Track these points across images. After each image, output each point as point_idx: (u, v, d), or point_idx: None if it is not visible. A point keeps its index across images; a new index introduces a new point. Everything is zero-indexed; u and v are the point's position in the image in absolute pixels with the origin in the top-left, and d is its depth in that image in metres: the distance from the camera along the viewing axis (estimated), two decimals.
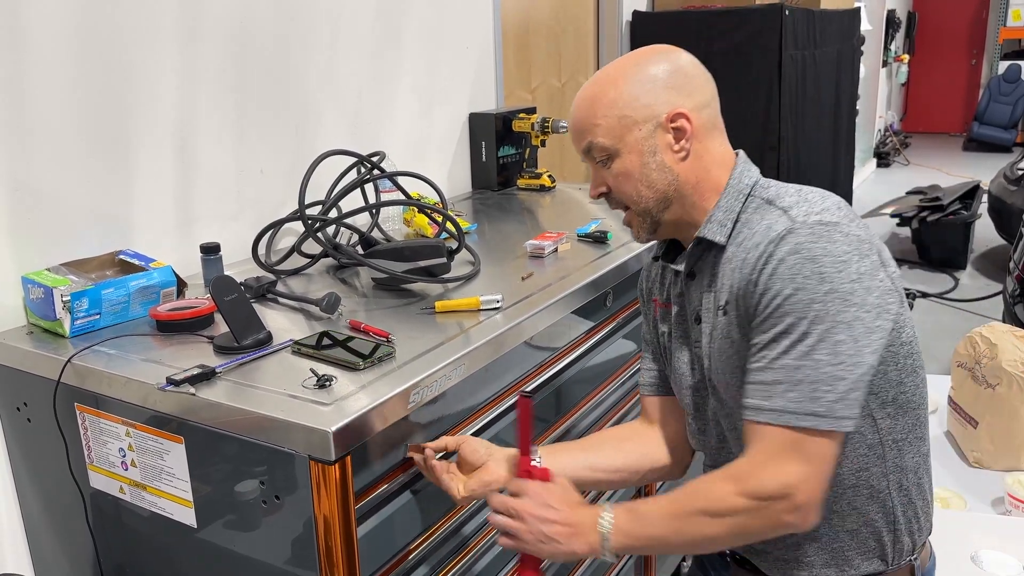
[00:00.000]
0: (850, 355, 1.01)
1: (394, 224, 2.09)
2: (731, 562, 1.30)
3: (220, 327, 1.40)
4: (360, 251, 1.68)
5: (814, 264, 1.01)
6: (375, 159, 1.92)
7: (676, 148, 1.15)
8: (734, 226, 1.14)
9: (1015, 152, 8.43)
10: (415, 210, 2.02)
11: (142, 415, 1.25)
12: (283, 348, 1.32)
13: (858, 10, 4.95)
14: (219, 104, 1.82)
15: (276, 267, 1.74)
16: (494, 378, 1.42)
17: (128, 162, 1.65)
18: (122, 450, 1.30)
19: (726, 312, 1.13)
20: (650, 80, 1.14)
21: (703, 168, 1.16)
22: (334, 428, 1.06)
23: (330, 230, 1.81)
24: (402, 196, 1.97)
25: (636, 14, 3.71)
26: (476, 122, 2.65)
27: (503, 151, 2.64)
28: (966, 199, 5.70)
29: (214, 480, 1.21)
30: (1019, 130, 9.93)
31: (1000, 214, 5.51)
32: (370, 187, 2.01)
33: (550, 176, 2.64)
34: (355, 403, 1.12)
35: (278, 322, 1.46)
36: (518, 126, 2.63)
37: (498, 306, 1.49)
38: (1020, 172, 5.47)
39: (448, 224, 1.82)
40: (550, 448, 1.33)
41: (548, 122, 2.60)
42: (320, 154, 1.85)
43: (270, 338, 1.34)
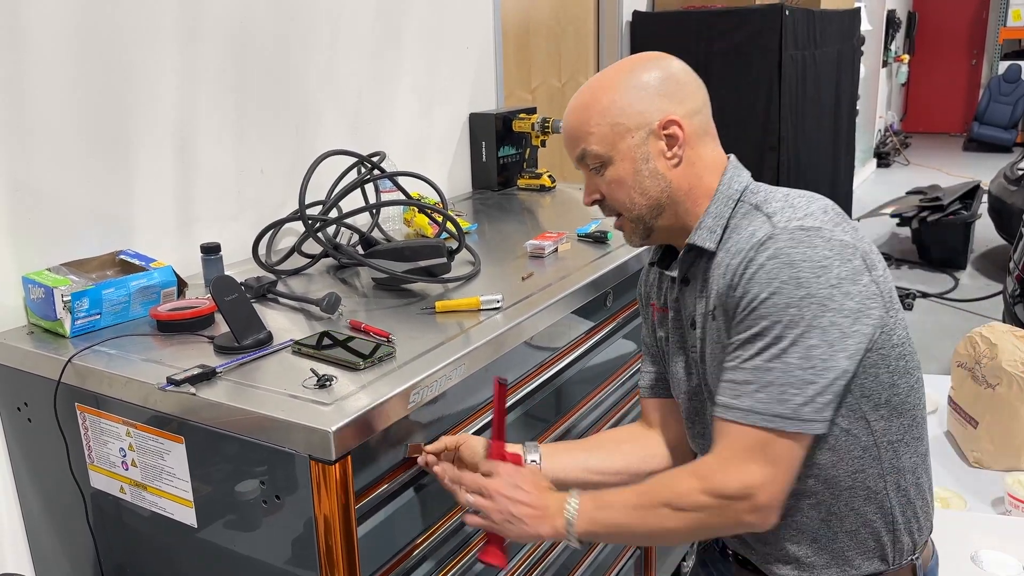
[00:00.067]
0: (822, 360, 1.02)
1: (394, 224, 2.09)
2: (733, 562, 1.30)
3: (220, 327, 1.40)
4: (360, 251, 1.68)
5: (792, 269, 1.02)
6: (375, 159, 1.92)
7: (669, 155, 1.16)
8: (724, 232, 1.15)
9: (1015, 152, 8.42)
10: (415, 210, 2.02)
11: (143, 415, 1.25)
12: (283, 348, 1.32)
13: (858, 10, 4.95)
14: (219, 104, 1.82)
15: (276, 267, 1.74)
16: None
17: (128, 162, 1.65)
18: (122, 450, 1.30)
19: (715, 317, 1.14)
20: (642, 87, 1.15)
21: (695, 174, 1.17)
22: (334, 428, 1.06)
23: (330, 230, 1.81)
24: (402, 196, 1.97)
25: (636, 14, 3.70)
26: (476, 122, 2.65)
27: (503, 151, 2.64)
28: (966, 199, 5.70)
29: (214, 480, 1.21)
30: (1019, 130, 9.93)
31: (1000, 214, 5.51)
32: (370, 187, 2.01)
33: (550, 176, 2.64)
34: (355, 403, 1.13)
35: (278, 322, 1.46)
36: (518, 126, 2.63)
37: (498, 306, 1.49)
38: (1020, 172, 5.47)
39: (448, 224, 1.82)
40: (550, 447, 1.33)
41: (548, 122, 2.59)
42: (320, 154, 1.85)
43: (270, 338, 1.35)
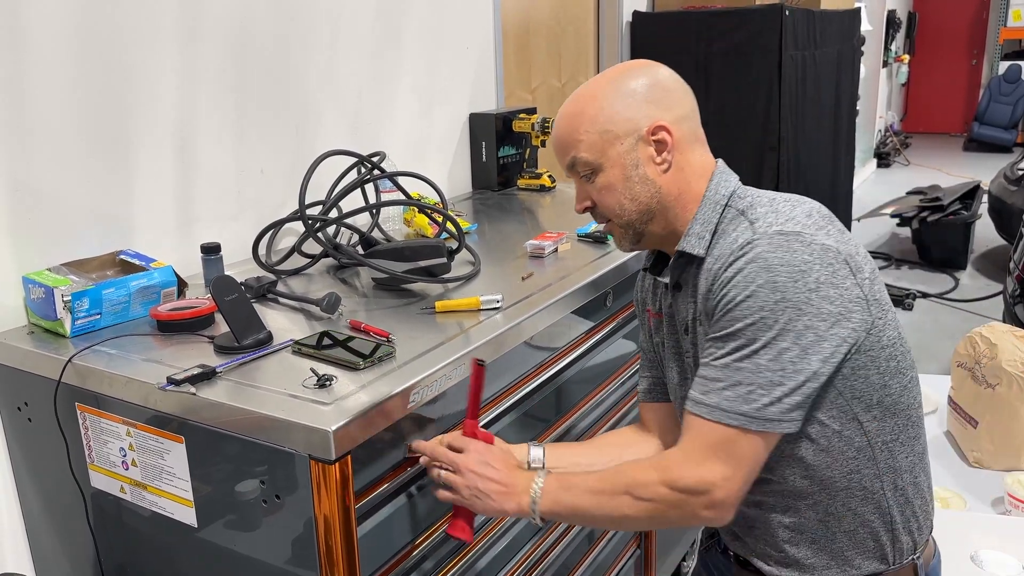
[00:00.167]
0: (792, 363, 1.03)
1: (394, 224, 2.09)
2: (734, 563, 1.30)
3: (220, 327, 1.40)
4: (360, 251, 1.68)
5: (769, 273, 1.03)
6: (375, 159, 1.92)
7: (658, 160, 1.17)
8: (712, 237, 1.15)
9: (1015, 152, 8.42)
10: (415, 210, 2.02)
11: (143, 415, 1.25)
12: (283, 348, 1.32)
13: (858, 10, 4.94)
14: (219, 104, 1.82)
15: (276, 267, 1.74)
16: (494, 378, 1.42)
17: (128, 162, 1.65)
18: (123, 450, 1.30)
19: (701, 322, 1.15)
20: (630, 95, 1.16)
21: (685, 180, 1.18)
22: (334, 428, 1.06)
23: (330, 230, 1.81)
24: (402, 196, 1.97)
25: (636, 14, 3.70)
26: (476, 122, 2.65)
27: (503, 151, 2.64)
28: (966, 199, 5.71)
29: (215, 480, 1.21)
30: (1019, 130, 9.93)
31: (1000, 214, 5.52)
32: (370, 187, 2.01)
33: (550, 176, 2.64)
34: (355, 403, 1.13)
35: (278, 322, 1.46)
36: (518, 126, 2.63)
37: (498, 306, 1.49)
38: (1020, 172, 5.47)
39: (448, 224, 1.82)
40: (552, 447, 1.34)
41: (548, 122, 2.59)
42: (320, 154, 1.85)
43: (270, 338, 1.35)
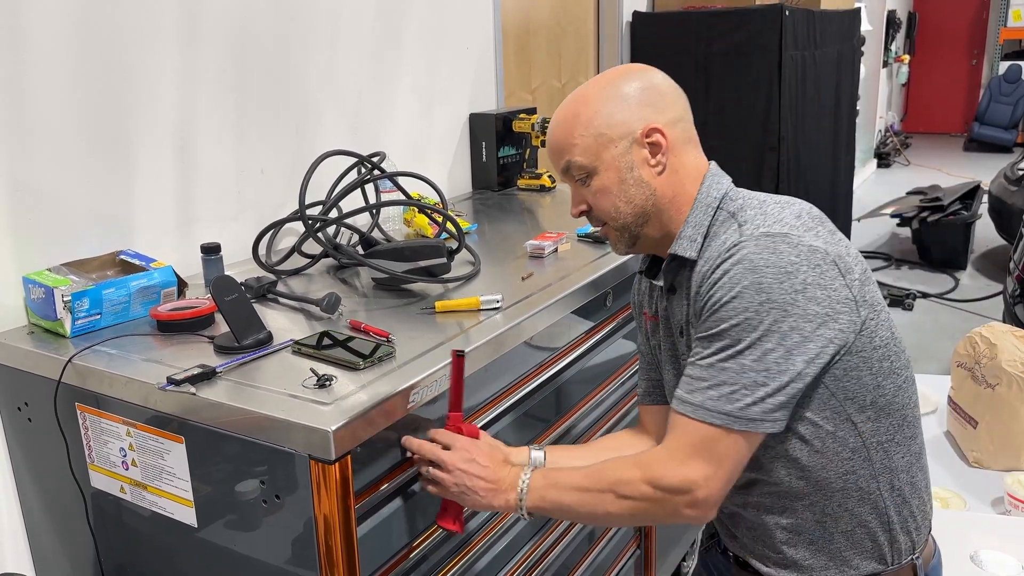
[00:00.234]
0: (777, 364, 1.03)
1: (394, 224, 2.09)
2: (733, 564, 1.30)
3: (220, 327, 1.40)
4: (360, 251, 1.68)
5: (754, 274, 1.04)
6: (375, 159, 1.92)
7: (653, 163, 1.17)
8: (704, 240, 1.16)
9: (1015, 152, 8.42)
10: (415, 210, 2.02)
11: (143, 415, 1.25)
12: (283, 348, 1.32)
13: (858, 10, 4.94)
14: (219, 104, 1.82)
15: (276, 267, 1.74)
16: (494, 378, 1.43)
17: (128, 162, 1.65)
18: (123, 450, 1.30)
19: (693, 325, 1.15)
20: (623, 98, 1.17)
21: (679, 182, 1.19)
22: (334, 428, 1.06)
23: (330, 230, 1.81)
24: (402, 196, 1.97)
25: (636, 15, 3.70)
26: (476, 122, 2.65)
27: (503, 151, 2.64)
28: (966, 199, 5.71)
29: (215, 480, 1.21)
30: (1020, 130, 9.93)
31: (1000, 214, 5.52)
32: (370, 187, 2.01)
33: (550, 176, 2.64)
34: (355, 403, 1.13)
35: (278, 322, 1.46)
36: (518, 126, 2.63)
37: (498, 306, 1.49)
38: (1020, 172, 5.47)
39: (448, 224, 1.82)
40: (552, 450, 1.34)
41: (548, 123, 2.59)
42: (320, 154, 1.85)
43: (270, 338, 1.35)
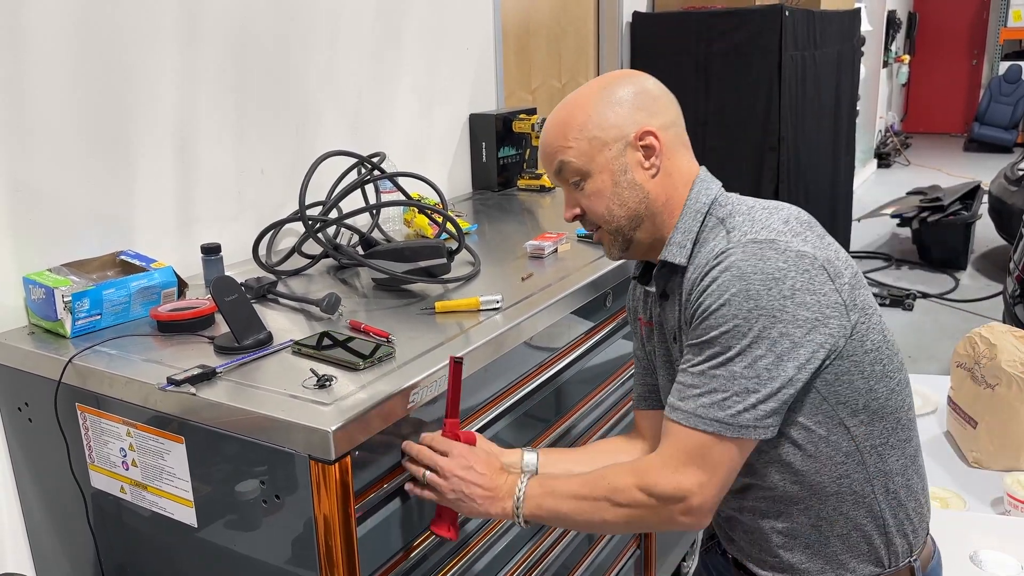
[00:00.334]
0: (768, 370, 1.04)
1: (394, 225, 2.09)
2: (733, 566, 1.30)
3: (221, 327, 1.40)
4: (360, 252, 1.68)
5: (742, 281, 1.04)
6: (375, 160, 1.92)
7: (647, 165, 1.18)
8: (694, 247, 1.16)
9: (1016, 152, 8.42)
10: (415, 211, 2.02)
11: (143, 415, 1.25)
12: (283, 348, 1.32)
13: (858, 11, 4.94)
14: (219, 104, 1.82)
15: (276, 268, 1.74)
16: (494, 378, 1.43)
17: (128, 162, 1.65)
18: (123, 450, 1.31)
19: (685, 332, 1.15)
20: (617, 102, 1.17)
21: (672, 186, 1.19)
22: (334, 428, 1.06)
23: (330, 231, 1.81)
24: (402, 197, 1.97)
25: (636, 15, 3.70)
26: (476, 123, 2.65)
27: (503, 152, 2.64)
28: (966, 199, 5.70)
29: (214, 480, 1.21)
30: (1020, 130, 9.93)
31: (1000, 214, 5.51)
32: (370, 188, 2.02)
33: None
34: (355, 403, 1.13)
35: (278, 322, 1.46)
36: (518, 127, 2.63)
37: (498, 306, 1.49)
38: (1020, 172, 5.47)
39: (448, 225, 1.82)
40: (546, 453, 1.34)
41: None
42: (321, 155, 1.85)
43: (270, 338, 1.35)
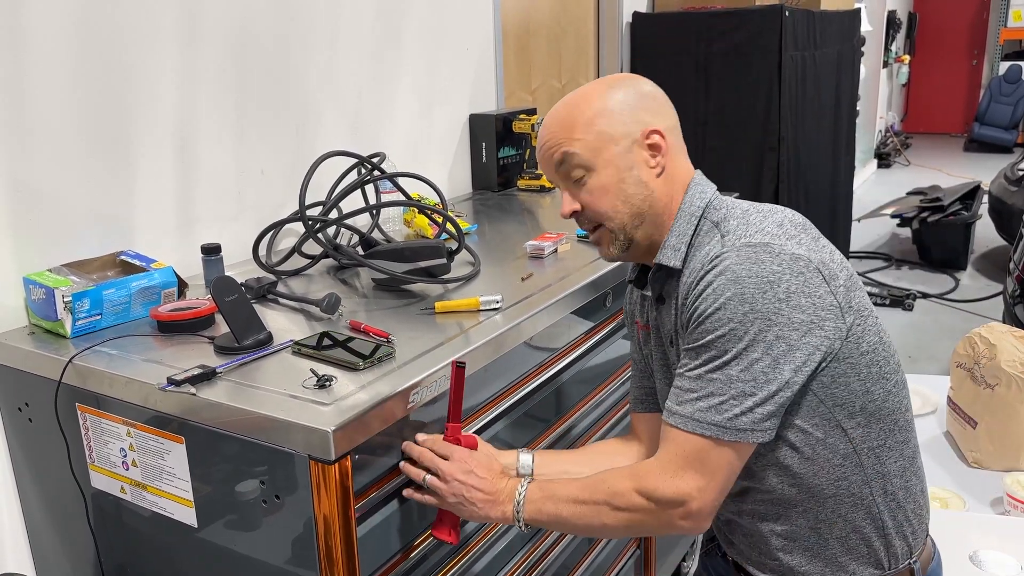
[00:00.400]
0: (764, 373, 1.04)
1: (394, 225, 2.09)
2: (732, 568, 1.30)
3: (221, 327, 1.40)
4: (360, 252, 1.68)
5: (737, 285, 1.04)
6: (375, 160, 1.92)
7: (652, 164, 1.18)
8: (688, 250, 1.16)
9: (1016, 153, 8.42)
10: (415, 211, 2.02)
11: (143, 415, 1.25)
12: (283, 348, 1.32)
13: (858, 11, 4.94)
14: (219, 104, 1.82)
15: (276, 268, 1.74)
16: (493, 378, 1.43)
17: (128, 162, 1.65)
18: (123, 450, 1.31)
19: (681, 336, 1.16)
20: (623, 102, 1.17)
21: (673, 187, 1.20)
22: (334, 428, 1.06)
23: (330, 231, 1.81)
24: (402, 197, 1.97)
25: (636, 15, 3.70)
26: (476, 123, 2.65)
27: (503, 152, 2.64)
28: (967, 200, 5.70)
29: (215, 480, 1.21)
30: (1020, 131, 9.93)
31: (1000, 215, 5.51)
32: (370, 188, 2.02)
33: None
34: (355, 403, 1.13)
35: (278, 322, 1.46)
36: (518, 127, 2.63)
37: (498, 306, 1.49)
38: (1021, 173, 5.47)
39: (448, 225, 1.82)
40: (541, 454, 1.34)
41: None
42: (321, 155, 1.85)
43: (270, 338, 1.35)
